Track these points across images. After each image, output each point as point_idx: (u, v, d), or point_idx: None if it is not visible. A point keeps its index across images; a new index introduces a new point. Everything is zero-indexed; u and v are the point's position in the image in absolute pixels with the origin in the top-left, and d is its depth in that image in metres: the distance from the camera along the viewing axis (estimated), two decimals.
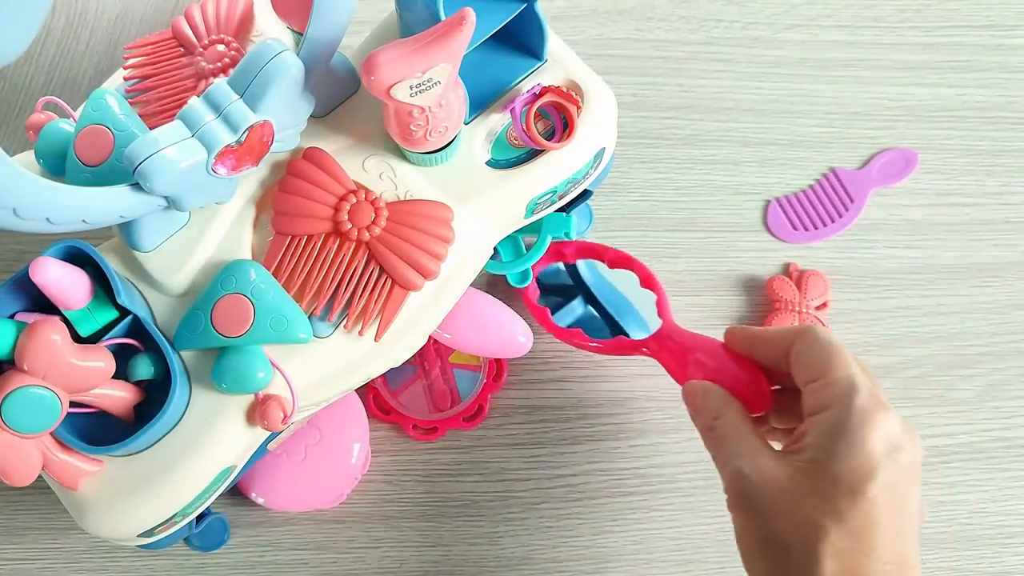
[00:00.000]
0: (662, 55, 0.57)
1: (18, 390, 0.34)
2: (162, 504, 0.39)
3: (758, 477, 0.38)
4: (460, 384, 0.51)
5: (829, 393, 0.39)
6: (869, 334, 0.53)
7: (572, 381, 0.52)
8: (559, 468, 0.51)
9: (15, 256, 0.53)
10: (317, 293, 0.39)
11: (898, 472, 0.37)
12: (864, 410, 0.38)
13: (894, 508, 0.37)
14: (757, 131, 0.56)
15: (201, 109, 0.35)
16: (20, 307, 0.38)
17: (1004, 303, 0.54)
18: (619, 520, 0.50)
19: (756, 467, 0.39)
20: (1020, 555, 0.50)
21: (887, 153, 0.56)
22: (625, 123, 0.53)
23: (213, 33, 0.44)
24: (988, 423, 0.52)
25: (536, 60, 0.44)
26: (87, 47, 0.56)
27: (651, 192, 0.55)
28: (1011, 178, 0.56)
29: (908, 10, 0.59)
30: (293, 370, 0.39)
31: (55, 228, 0.33)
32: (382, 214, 0.39)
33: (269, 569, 0.49)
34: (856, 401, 0.38)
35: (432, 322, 0.42)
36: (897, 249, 0.54)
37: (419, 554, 0.49)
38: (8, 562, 0.49)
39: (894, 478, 0.37)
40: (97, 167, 0.38)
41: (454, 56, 0.34)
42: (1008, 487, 0.51)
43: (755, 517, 0.39)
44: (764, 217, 0.55)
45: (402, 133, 0.38)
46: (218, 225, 0.41)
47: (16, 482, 0.36)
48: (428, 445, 0.51)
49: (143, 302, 0.40)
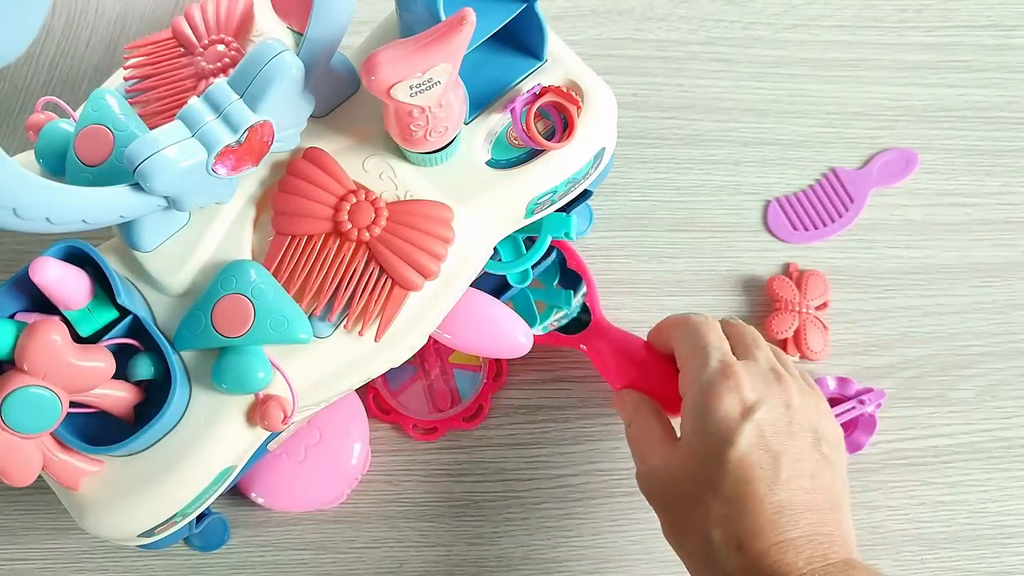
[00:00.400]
0: (662, 55, 0.57)
1: (18, 390, 0.34)
2: (162, 504, 0.39)
3: (661, 471, 0.41)
4: (460, 384, 0.51)
5: (686, 377, 0.42)
6: (869, 334, 0.53)
7: (572, 381, 0.52)
8: (559, 468, 0.51)
9: (15, 256, 0.53)
10: (317, 293, 0.39)
11: (760, 428, 0.39)
12: (709, 383, 0.40)
13: (765, 463, 0.38)
14: (757, 131, 0.56)
15: (201, 109, 0.35)
16: (20, 307, 0.38)
17: (1004, 303, 0.54)
18: (619, 520, 0.50)
19: (660, 463, 0.41)
20: (1020, 555, 0.50)
21: (887, 153, 0.56)
22: (625, 123, 0.53)
23: (213, 33, 0.44)
24: (988, 423, 0.52)
25: (536, 60, 0.44)
26: (87, 47, 0.56)
27: (651, 192, 0.55)
28: (1011, 178, 0.56)
29: (908, 10, 0.59)
30: (293, 370, 0.39)
31: (55, 228, 0.33)
32: (382, 214, 0.39)
33: (269, 569, 0.49)
34: (702, 378, 0.40)
35: (432, 322, 0.42)
36: (897, 249, 0.54)
37: (419, 554, 0.49)
38: (8, 562, 0.49)
39: (756, 435, 0.38)
40: (97, 167, 0.38)
41: (454, 56, 0.34)
42: (1008, 487, 0.51)
43: (664, 508, 0.41)
44: (764, 217, 0.55)
45: (402, 133, 0.38)
46: (218, 225, 0.41)
47: (16, 482, 0.36)
48: (428, 445, 0.51)
49: (143, 302, 0.40)
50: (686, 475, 0.39)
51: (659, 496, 0.41)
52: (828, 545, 0.37)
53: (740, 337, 0.43)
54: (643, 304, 0.53)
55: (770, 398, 0.40)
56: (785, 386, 0.40)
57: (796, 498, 0.37)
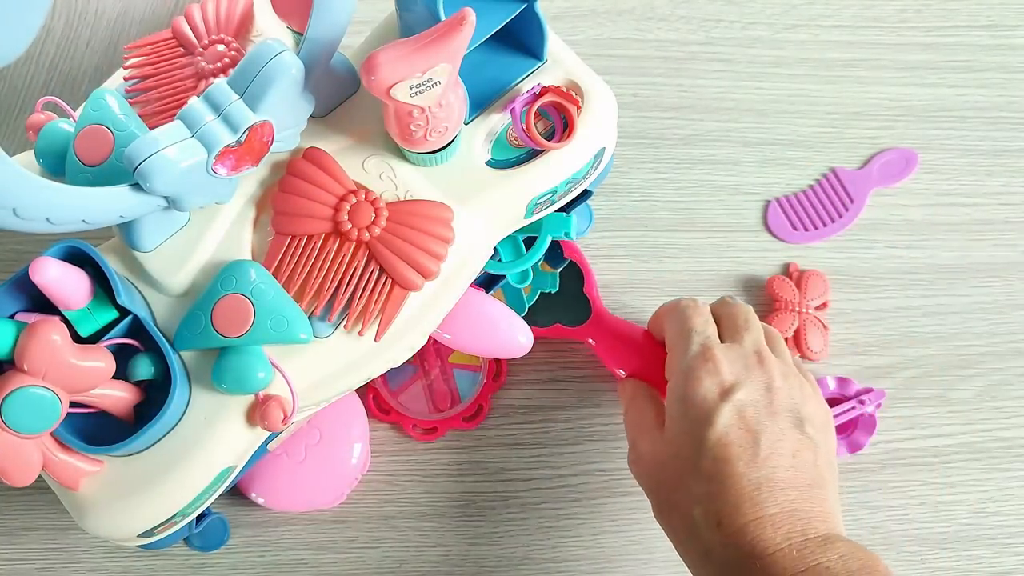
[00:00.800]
0: (662, 55, 0.57)
1: (18, 390, 0.34)
2: (162, 504, 0.39)
3: (648, 455, 0.42)
4: (460, 384, 0.51)
5: (670, 362, 0.43)
6: (869, 334, 0.53)
7: (572, 381, 0.52)
8: (559, 468, 0.51)
9: (15, 256, 0.53)
10: (317, 293, 0.39)
11: (739, 408, 0.39)
12: (689, 367, 0.41)
13: (744, 441, 0.38)
14: (757, 131, 0.56)
15: (201, 109, 0.35)
16: (20, 307, 0.38)
17: (1004, 303, 0.54)
18: (619, 520, 0.50)
19: (648, 447, 0.42)
20: (1020, 555, 0.50)
21: (887, 153, 0.56)
22: (625, 123, 0.53)
23: (213, 33, 0.44)
24: (988, 423, 0.52)
25: (536, 60, 0.44)
26: (87, 47, 0.56)
27: (651, 192, 0.55)
28: (1011, 178, 0.56)
29: (908, 10, 0.59)
30: (293, 370, 0.39)
31: (55, 228, 0.33)
32: (382, 214, 0.39)
33: (269, 569, 0.49)
34: (683, 363, 0.41)
35: (432, 322, 0.42)
36: (897, 249, 0.54)
37: (419, 554, 0.49)
38: (8, 562, 0.49)
39: (735, 415, 0.39)
40: (97, 167, 0.38)
41: (454, 56, 0.34)
42: (1008, 487, 0.51)
43: (652, 490, 0.42)
44: (764, 217, 0.55)
45: (402, 133, 0.38)
46: (218, 225, 0.41)
47: (16, 482, 0.36)
48: (428, 445, 0.51)
49: (143, 302, 0.40)
50: (669, 457, 0.40)
51: (647, 479, 0.42)
52: (807, 521, 0.37)
53: (732, 318, 0.44)
54: (643, 304, 0.53)
55: (750, 380, 0.40)
56: (767, 368, 0.41)
57: (775, 475, 0.38)
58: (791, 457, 0.39)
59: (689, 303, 0.44)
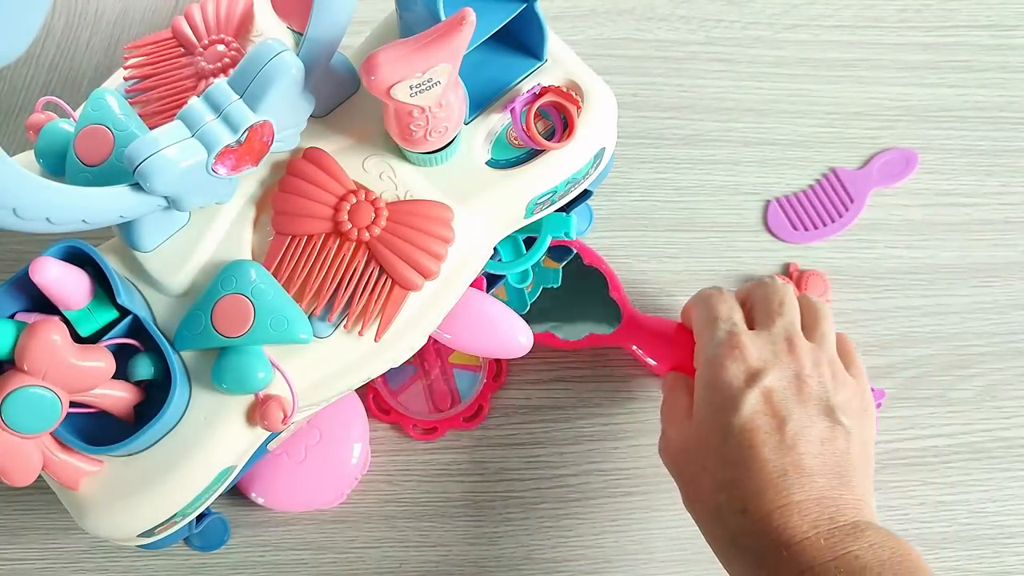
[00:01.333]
0: (662, 55, 0.57)
1: (18, 390, 0.34)
2: (162, 504, 0.39)
3: (675, 442, 0.42)
4: (460, 384, 0.51)
5: (698, 351, 0.43)
6: (869, 334, 0.53)
7: (572, 381, 0.52)
8: (559, 468, 0.51)
9: (15, 256, 0.53)
10: (317, 293, 0.39)
11: (765, 393, 0.39)
12: (715, 355, 0.41)
13: (770, 427, 0.38)
14: (757, 131, 0.56)
15: (201, 109, 0.35)
16: (20, 307, 0.38)
17: (1004, 303, 0.54)
18: (619, 520, 0.50)
19: (676, 434, 0.42)
20: (1020, 555, 0.50)
21: (887, 153, 0.56)
22: (625, 123, 0.53)
23: (213, 33, 0.44)
24: (988, 423, 0.52)
25: (536, 60, 0.44)
26: (87, 47, 0.56)
27: (651, 192, 0.55)
28: (1011, 178, 0.56)
29: (908, 10, 0.59)
30: (293, 370, 0.39)
31: (55, 228, 0.33)
32: (382, 214, 0.39)
33: (269, 569, 0.49)
34: (709, 351, 0.41)
35: (432, 322, 0.42)
36: (897, 249, 0.54)
37: (419, 554, 0.49)
38: (8, 562, 0.49)
39: (761, 400, 0.39)
40: (97, 167, 0.38)
41: (454, 56, 0.34)
42: (1008, 487, 0.51)
43: (679, 478, 0.42)
44: (764, 217, 0.55)
45: (402, 133, 0.38)
46: (218, 225, 0.41)
47: (16, 482, 0.36)
48: (428, 445, 0.51)
49: (143, 302, 0.40)
50: (695, 444, 0.40)
51: (674, 466, 0.42)
52: (836, 509, 0.36)
53: (766, 302, 0.43)
54: (643, 304, 0.53)
55: (778, 366, 0.40)
56: (797, 355, 0.40)
57: (803, 462, 0.37)
58: (819, 444, 0.38)
59: (713, 292, 0.44)
